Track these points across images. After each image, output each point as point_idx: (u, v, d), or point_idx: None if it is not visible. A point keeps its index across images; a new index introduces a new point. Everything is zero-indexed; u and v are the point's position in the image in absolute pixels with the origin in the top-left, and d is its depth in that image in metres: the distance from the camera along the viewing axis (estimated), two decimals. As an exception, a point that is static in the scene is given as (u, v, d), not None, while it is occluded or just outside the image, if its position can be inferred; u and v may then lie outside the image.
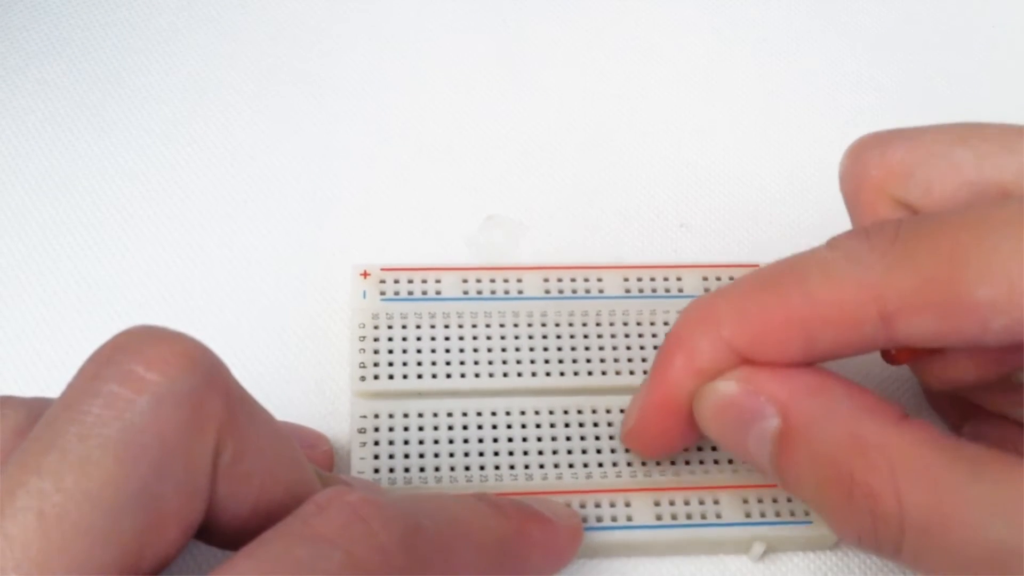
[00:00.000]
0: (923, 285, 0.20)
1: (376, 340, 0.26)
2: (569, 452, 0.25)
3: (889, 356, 0.23)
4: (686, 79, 0.35)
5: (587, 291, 0.27)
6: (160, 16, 0.35)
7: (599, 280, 0.28)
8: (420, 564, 0.19)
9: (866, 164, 0.23)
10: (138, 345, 0.18)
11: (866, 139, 0.24)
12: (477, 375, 0.26)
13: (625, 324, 0.27)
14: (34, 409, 0.18)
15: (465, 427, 0.25)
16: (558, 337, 0.27)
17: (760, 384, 0.21)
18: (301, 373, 0.27)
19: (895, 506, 0.19)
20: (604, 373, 0.26)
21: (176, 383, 0.17)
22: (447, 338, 0.26)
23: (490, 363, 0.26)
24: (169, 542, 0.17)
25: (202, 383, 0.17)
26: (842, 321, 0.20)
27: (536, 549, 0.23)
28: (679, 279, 0.28)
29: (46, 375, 0.27)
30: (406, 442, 0.25)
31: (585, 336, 0.27)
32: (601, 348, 0.26)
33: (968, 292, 0.19)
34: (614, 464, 0.25)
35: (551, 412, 0.26)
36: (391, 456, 0.25)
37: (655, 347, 0.26)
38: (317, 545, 0.17)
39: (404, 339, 0.26)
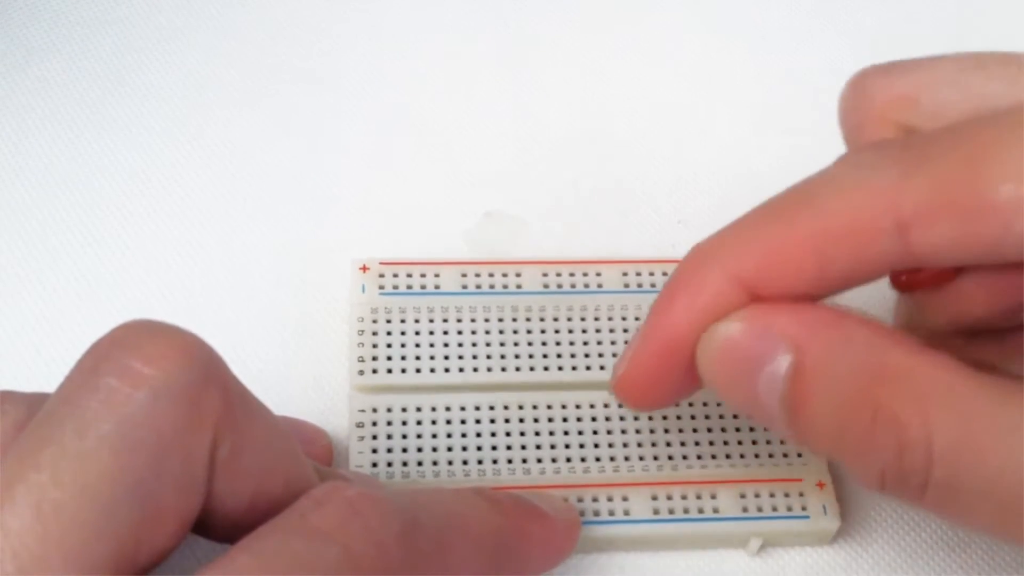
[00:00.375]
0: (940, 187, 0.18)
1: (375, 334, 0.26)
2: (567, 447, 0.25)
3: (899, 281, 0.22)
4: (685, 77, 0.35)
5: (586, 286, 0.27)
6: (160, 14, 0.35)
7: (598, 275, 0.28)
8: (417, 559, 0.19)
9: (869, 92, 0.22)
10: (136, 340, 0.18)
11: (868, 69, 0.22)
12: (476, 369, 0.26)
13: (624, 319, 0.27)
14: (34, 404, 0.18)
15: (463, 421, 0.25)
16: (556, 332, 0.27)
17: (770, 319, 0.20)
18: (300, 367, 0.27)
19: (923, 433, 0.18)
20: (603, 368, 0.26)
21: (173, 378, 0.17)
22: (446, 332, 0.26)
23: (488, 357, 0.26)
24: (166, 536, 0.17)
25: (199, 378, 0.17)
26: (856, 234, 0.19)
27: (534, 544, 0.23)
28: (677, 274, 0.28)
29: (46, 372, 0.27)
30: (404, 436, 0.25)
31: (584, 331, 0.27)
32: (600, 343, 0.26)
33: (988, 191, 0.18)
34: (611, 459, 0.25)
35: (549, 407, 0.26)
36: (389, 450, 0.25)
37: (653, 342, 0.26)
38: (314, 540, 0.17)
39: (403, 333, 0.26)
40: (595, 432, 0.25)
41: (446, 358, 0.26)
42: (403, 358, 0.26)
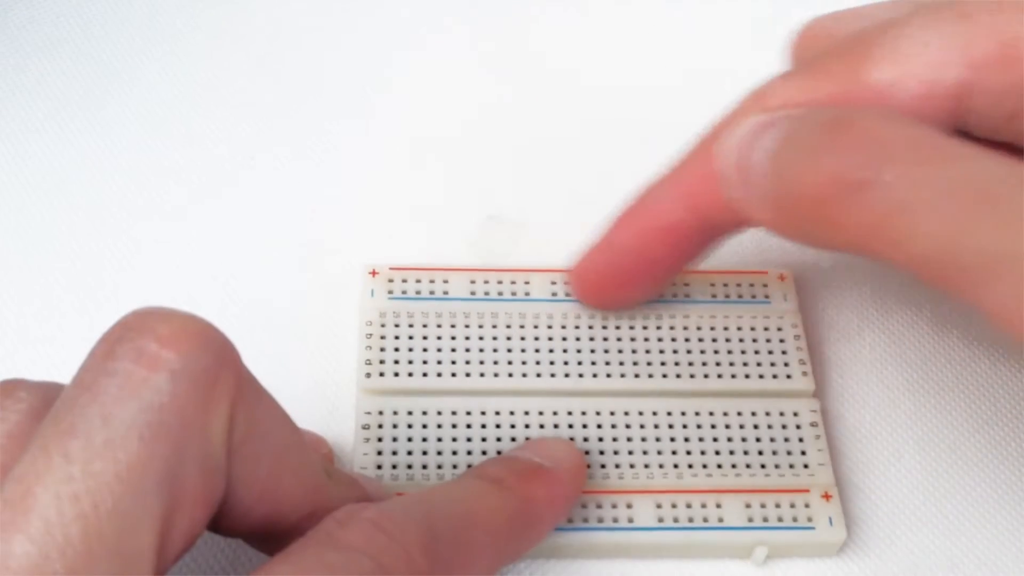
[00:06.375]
0: (826, 85, 0.22)
1: (383, 338, 0.26)
2: (572, 453, 0.25)
3: None
4: (689, 78, 0.34)
5: (594, 294, 0.27)
6: (160, 16, 0.35)
7: (607, 284, 0.28)
8: (442, 565, 0.19)
9: (811, 24, 0.26)
10: (148, 323, 0.17)
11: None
12: (482, 375, 0.26)
13: (631, 328, 0.27)
14: (50, 391, 0.18)
15: (469, 426, 0.25)
16: (563, 340, 0.27)
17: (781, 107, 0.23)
18: (308, 369, 0.27)
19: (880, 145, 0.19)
20: (609, 376, 0.26)
21: (191, 360, 0.17)
22: (453, 337, 0.26)
23: (495, 363, 0.26)
24: (194, 521, 0.17)
25: (215, 360, 0.17)
26: None
27: (543, 508, 0.23)
28: (686, 284, 0.28)
29: (46, 378, 0.26)
30: (410, 439, 0.25)
31: (591, 339, 0.27)
32: (606, 351, 0.26)
33: (867, 75, 0.21)
34: (616, 466, 0.25)
35: (555, 413, 0.26)
36: (394, 452, 0.25)
37: (661, 351, 0.27)
38: (348, 552, 0.18)
39: (410, 337, 0.26)
40: (600, 439, 0.25)
41: (453, 363, 0.26)
42: (410, 362, 0.26)
